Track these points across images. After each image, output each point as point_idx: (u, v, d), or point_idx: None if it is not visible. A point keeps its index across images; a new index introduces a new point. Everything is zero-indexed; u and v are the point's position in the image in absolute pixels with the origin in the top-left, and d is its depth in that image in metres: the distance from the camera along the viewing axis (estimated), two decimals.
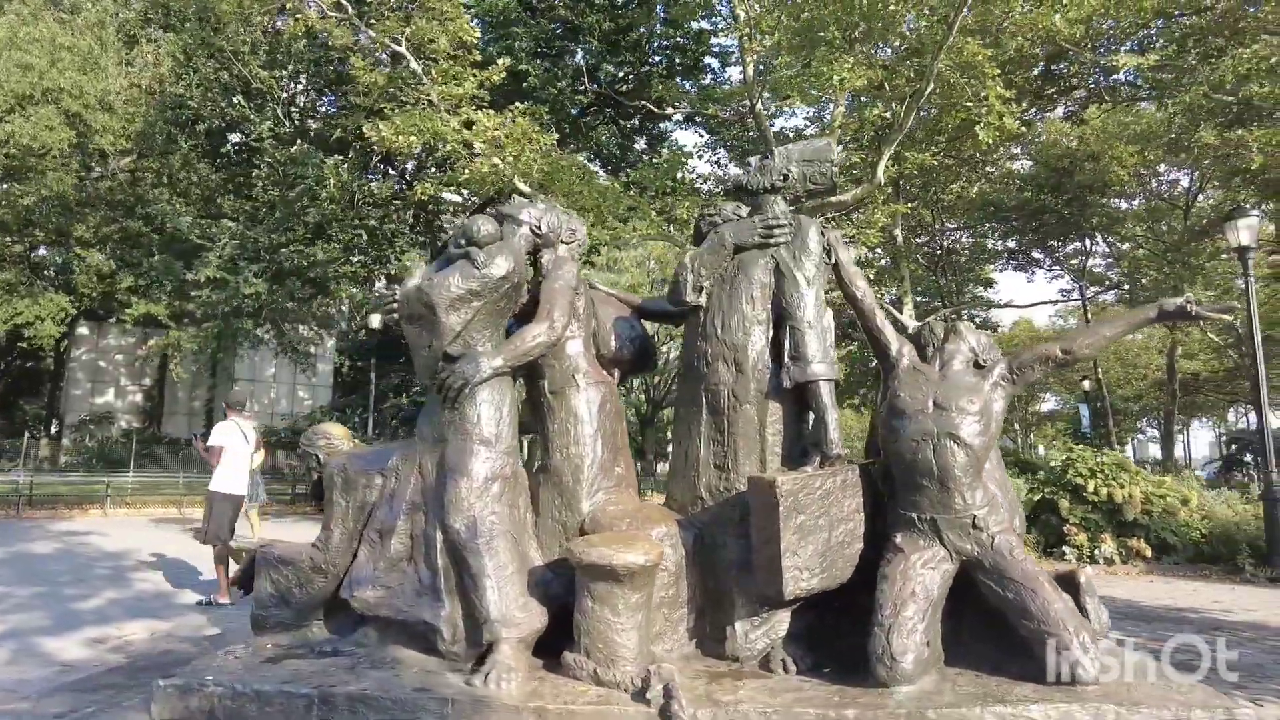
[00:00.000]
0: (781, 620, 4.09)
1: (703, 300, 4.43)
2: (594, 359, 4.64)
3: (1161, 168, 20.22)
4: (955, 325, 4.26)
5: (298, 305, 14.42)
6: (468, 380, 4.05)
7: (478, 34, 10.36)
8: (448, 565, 3.96)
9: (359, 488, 4.28)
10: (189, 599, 7.23)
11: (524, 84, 12.73)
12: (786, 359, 4.16)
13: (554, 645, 3.85)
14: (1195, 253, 20.20)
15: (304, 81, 15.37)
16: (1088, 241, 24.89)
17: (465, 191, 13.30)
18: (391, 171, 15.33)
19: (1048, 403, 44.54)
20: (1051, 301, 35.94)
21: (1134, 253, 23.59)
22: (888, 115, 11.05)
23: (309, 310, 17.61)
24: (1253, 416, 33.25)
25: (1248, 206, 17.48)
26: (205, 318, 15.05)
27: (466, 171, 10.77)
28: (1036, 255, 24.93)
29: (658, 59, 14.73)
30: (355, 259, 13.79)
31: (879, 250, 14.83)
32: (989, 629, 3.80)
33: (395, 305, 4.32)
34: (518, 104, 10.96)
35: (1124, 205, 20.21)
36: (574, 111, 13.99)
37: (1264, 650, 5.68)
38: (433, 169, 13.97)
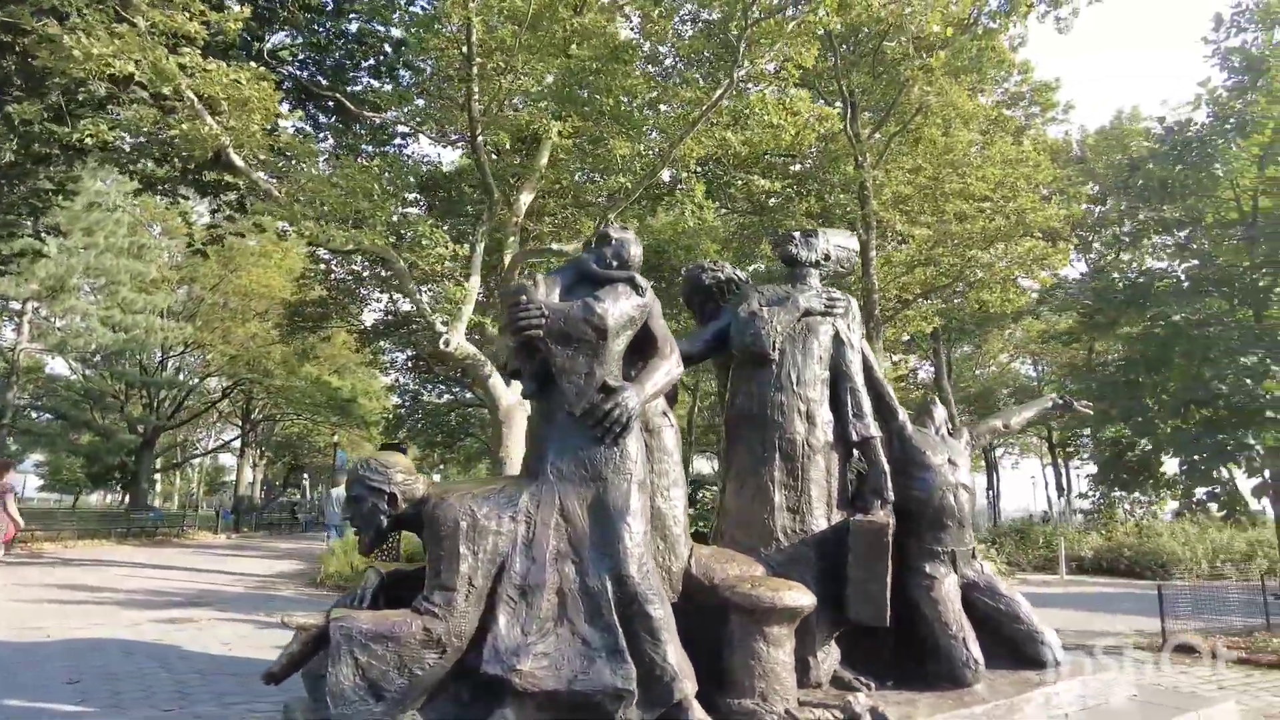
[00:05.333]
0: (835, 647, 4.63)
1: (775, 355, 4.78)
2: None
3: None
4: (935, 399, 5.44)
5: None
6: (632, 415, 3.76)
7: None
8: (617, 621, 3.57)
9: (488, 536, 3.53)
10: None
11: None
12: (850, 416, 4.79)
13: None
14: None
15: None
16: None
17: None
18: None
19: None
20: None
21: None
22: (628, 184, 12.20)
23: None
24: None
25: None
26: None
27: (182, 127, 8.38)
28: None
29: (357, 56, 13.40)
30: None
31: None
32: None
33: (540, 322, 3.72)
34: (253, 65, 9.03)
35: None
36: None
37: None
38: (89, 107, 10.11)
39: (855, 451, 4.89)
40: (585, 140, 12.32)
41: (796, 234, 5.28)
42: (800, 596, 3.89)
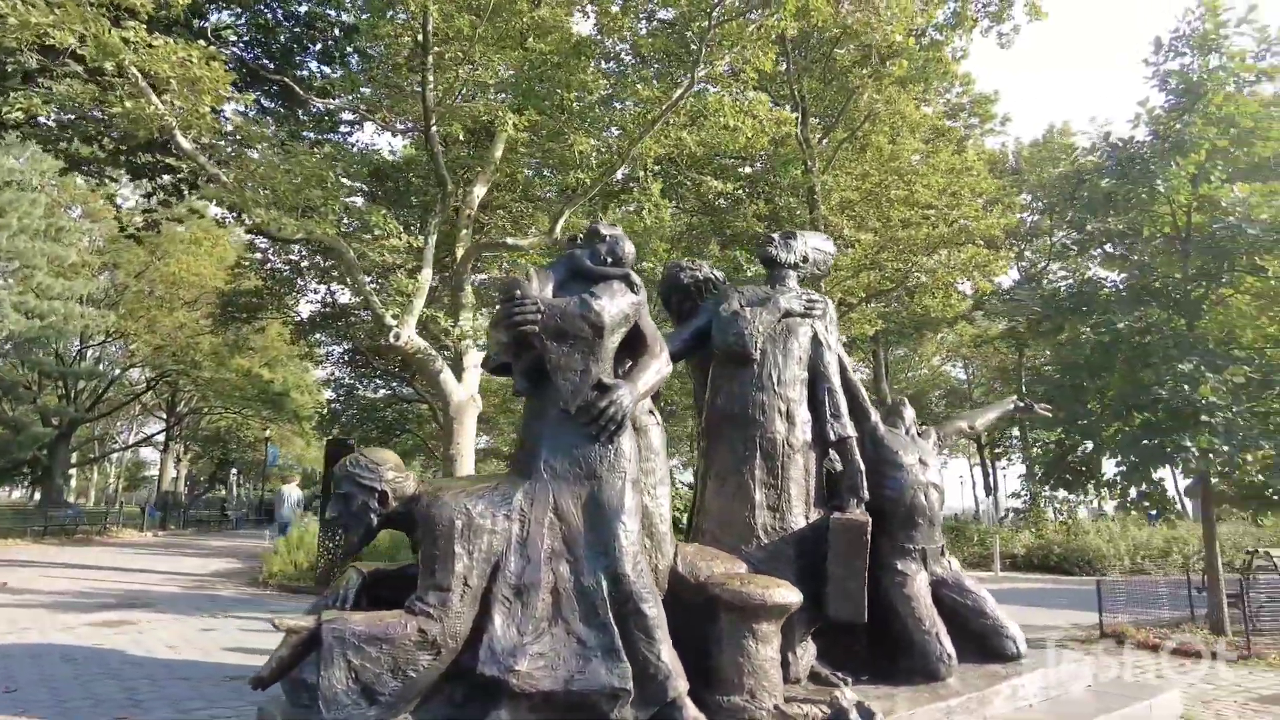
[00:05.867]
0: (812, 644, 4.71)
1: (757, 355, 4.82)
2: None
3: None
4: (904, 400, 5.57)
5: None
6: (627, 413, 3.75)
7: None
8: (612, 620, 3.55)
9: (483, 535, 3.48)
10: None
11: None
12: (828, 416, 4.87)
13: None
14: None
15: None
16: None
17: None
18: None
19: None
20: None
21: None
22: (586, 180, 12.12)
23: None
24: None
25: None
26: None
27: (124, 105, 7.93)
28: None
29: (305, 39, 12.94)
30: None
31: None
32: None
33: (536, 317, 3.67)
34: (201, 44, 8.61)
35: None
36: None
37: None
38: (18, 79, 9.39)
39: (830, 450, 4.97)
40: (543, 135, 12.20)
41: (776, 236, 5.33)
42: (788, 594, 3.94)
